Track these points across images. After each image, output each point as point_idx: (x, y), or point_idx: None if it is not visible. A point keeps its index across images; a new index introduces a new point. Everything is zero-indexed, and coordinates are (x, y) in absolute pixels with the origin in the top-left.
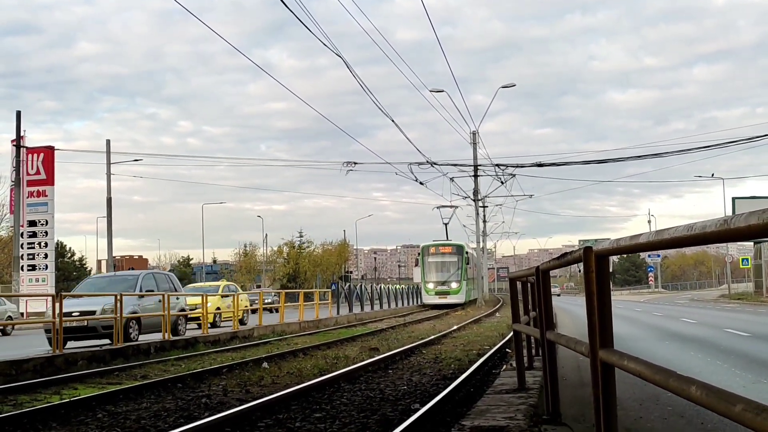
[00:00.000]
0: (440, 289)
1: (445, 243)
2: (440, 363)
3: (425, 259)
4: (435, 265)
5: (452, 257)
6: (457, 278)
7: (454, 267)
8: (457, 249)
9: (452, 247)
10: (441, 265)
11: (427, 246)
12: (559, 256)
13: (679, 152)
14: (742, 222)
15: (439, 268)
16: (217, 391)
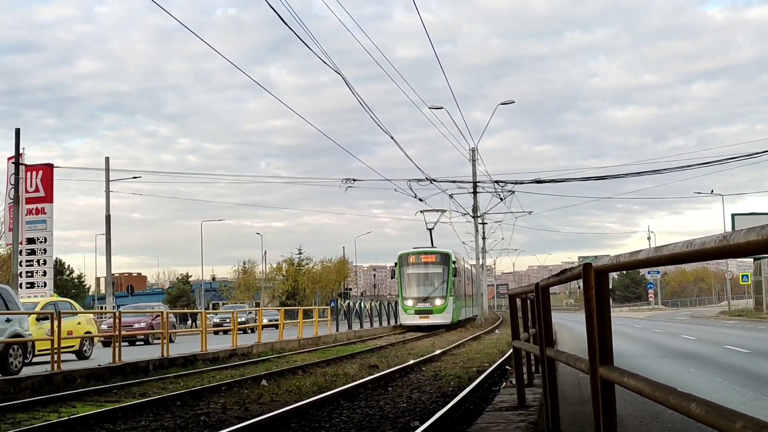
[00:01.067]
0: (421, 307)
1: (427, 250)
2: (440, 380)
3: (402, 270)
4: (414, 277)
5: (436, 267)
6: (441, 293)
7: (439, 279)
8: (441, 258)
9: (436, 255)
10: (422, 277)
11: (405, 254)
12: (558, 273)
13: (679, 169)
14: (742, 238)
15: (419, 281)
16: (216, 408)
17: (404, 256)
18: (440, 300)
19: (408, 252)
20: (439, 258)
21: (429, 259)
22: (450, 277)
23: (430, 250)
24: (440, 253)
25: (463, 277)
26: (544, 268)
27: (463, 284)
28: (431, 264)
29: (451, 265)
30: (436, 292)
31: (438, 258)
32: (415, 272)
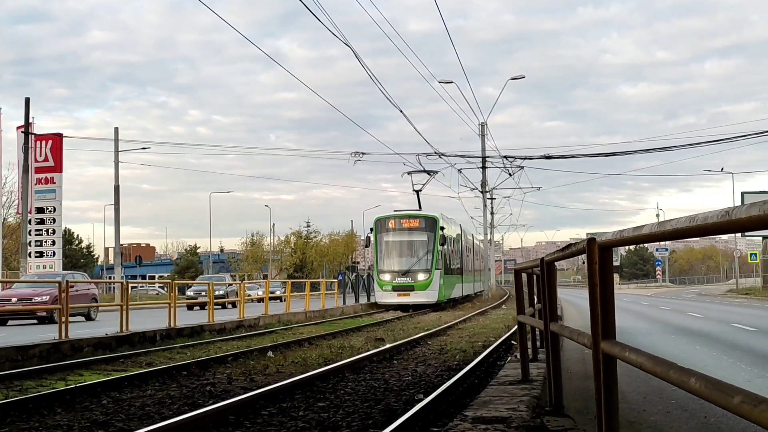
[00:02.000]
0: (400, 283)
1: (409, 213)
2: (445, 354)
3: (379, 237)
4: (393, 246)
5: (419, 234)
6: (425, 266)
7: (423, 249)
8: (426, 223)
9: (419, 220)
10: (402, 246)
11: (382, 218)
12: (563, 248)
13: (689, 146)
14: (743, 213)
15: (399, 251)
16: (222, 379)
17: (381, 221)
18: (424, 274)
19: (386, 216)
20: (424, 223)
21: (411, 224)
22: (436, 246)
23: (413, 214)
24: (425, 217)
25: (459, 247)
26: (552, 243)
27: (459, 255)
28: (414, 230)
29: (438, 231)
30: (419, 264)
31: (422, 223)
32: (393, 240)
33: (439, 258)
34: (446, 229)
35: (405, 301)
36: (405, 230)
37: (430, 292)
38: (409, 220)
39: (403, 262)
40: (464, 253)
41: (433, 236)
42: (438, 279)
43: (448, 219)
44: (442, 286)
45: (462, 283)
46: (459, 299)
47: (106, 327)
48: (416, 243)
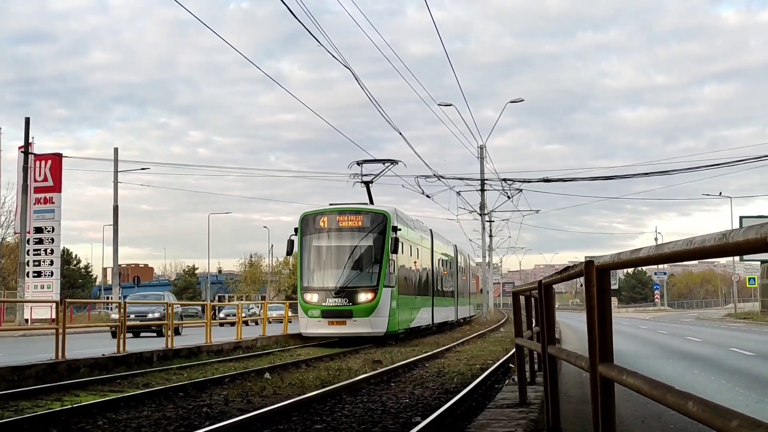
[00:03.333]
0: (332, 306)
1: (348, 208)
2: (443, 377)
3: (305, 241)
4: (323, 253)
5: (362, 237)
6: (369, 281)
7: (367, 257)
8: (372, 220)
9: (363, 217)
10: (336, 253)
11: (310, 215)
12: (561, 270)
13: (687, 170)
14: (741, 236)
15: (331, 261)
16: (219, 400)
17: (310, 218)
18: (366, 293)
19: (316, 211)
20: (369, 221)
21: (351, 222)
22: (386, 253)
23: (353, 208)
24: (370, 214)
25: (428, 260)
26: (550, 266)
27: (432, 272)
28: (355, 231)
29: (389, 233)
30: (359, 279)
31: (366, 221)
32: (324, 245)
33: (391, 271)
34: (403, 231)
35: (339, 332)
36: (342, 231)
37: (376, 319)
38: (348, 216)
39: (338, 277)
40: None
41: (381, 239)
42: (387, 300)
43: (409, 220)
44: (395, 310)
45: (443, 307)
46: (452, 323)
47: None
48: (357, 249)
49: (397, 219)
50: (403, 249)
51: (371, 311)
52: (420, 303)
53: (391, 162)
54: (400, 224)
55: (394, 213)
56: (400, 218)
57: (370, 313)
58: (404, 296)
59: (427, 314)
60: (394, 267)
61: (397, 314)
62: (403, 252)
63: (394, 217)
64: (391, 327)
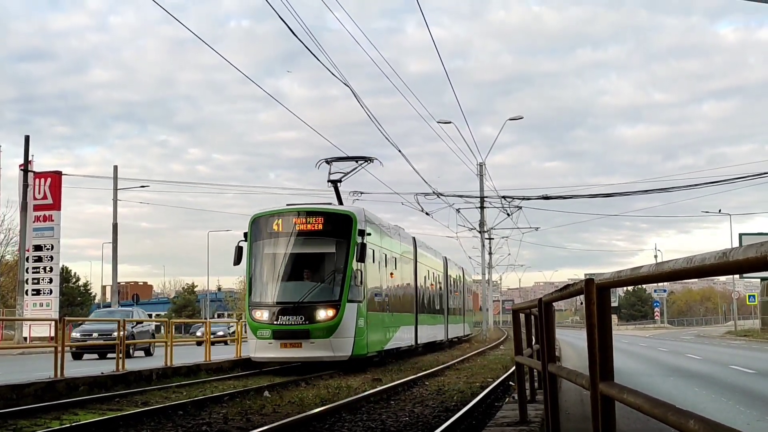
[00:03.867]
0: (285, 325)
1: (307, 208)
2: (443, 395)
3: (256, 247)
4: (276, 262)
5: (322, 242)
6: (330, 295)
7: (328, 266)
8: (335, 223)
9: (323, 219)
10: (291, 262)
11: (262, 216)
12: (561, 288)
13: (687, 187)
14: (741, 255)
15: (285, 271)
16: (218, 419)
17: (261, 221)
18: (326, 309)
19: (268, 213)
20: (330, 224)
21: (309, 224)
22: (351, 261)
23: (312, 209)
24: (332, 215)
25: (410, 272)
26: (550, 284)
27: (416, 286)
28: (313, 236)
29: (354, 238)
30: (319, 292)
31: (327, 224)
32: (278, 252)
33: (357, 283)
34: (374, 236)
35: (294, 356)
36: (298, 236)
37: (338, 340)
38: (307, 218)
39: (292, 290)
40: (450, 289)
41: (345, 246)
42: (353, 317)
43: (385, 225)
44: (363, 329)
45: (446, 324)
46: (442, 343)
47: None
48: (316, 257)
49: (367, 222)
50: (375, 257)
51: (332, 331)
52: (399, 321)
53: (365, 160)
54: (370, 228)
55: (362, 215)
56: (371, 221)
57: (330, 333)
58: (376, 313)
59: (410, 333)
60: (362, 278)
61: (366, 334)
62: (375, 261)
63: (362, 219)
64: (357, 349)
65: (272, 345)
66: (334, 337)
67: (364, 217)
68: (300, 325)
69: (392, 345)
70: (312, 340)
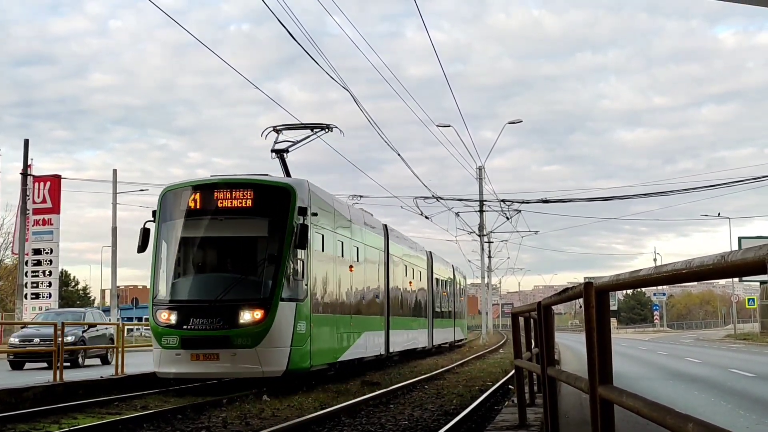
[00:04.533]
0: (196, 330)
1: (230, 179)
2: (442, 398)
3: (165, 229)
4: (188, 247)
5: (249, 224)
6: (257, 291)
7: (257, 253)
8: (267, 197)
9: (252, 193)
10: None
11: (176, 190)
12: (560, 292)
13: (686, 191)
14: (739, 257)
15: (198, 259)
16: (217, 422)
17: (172, 196)
18: (252, 310)
19: (182, 185)
20: (261, 200)
21: (233, 200)
22: (288, 248)
23: (238, 180)
24: (265, 188)
25: (379, 266)
26: (549, 287)
27: (387, 283)
28: (238, 215)
29: (294, 217)
30: (241, 287)
31: (258, 200)
32: (191, 236)
33: (297, 276)
34: (322, 217)
35: (208, 370)
36: (219, 215)
37: (269, 350)
38: (231, 193)
39: (208, 285)
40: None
41: (280, 228)
42: (289, 320)
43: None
44: (304, 336)
45: (430, 329)
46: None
47: None
48: (241, 242)
49: (313, 199)
50: (325, 245)
51: (259, 338)
52: (362, 325)
53: (322, 128)
54: (318, 207)
55: (305, 189)
56: (320, 199)
57: (257, 341)
58: (326, 315)
59: (378, 340)
60: (304, 271)
61: (310, 342)
62: (326, 249)
63: (305, 194)
64: (296, 362)
65: (181, 356)
66: (263, 346)
67: (308, 193)
68: (217, 331)
69: (352, 355)
70: (233, 350)
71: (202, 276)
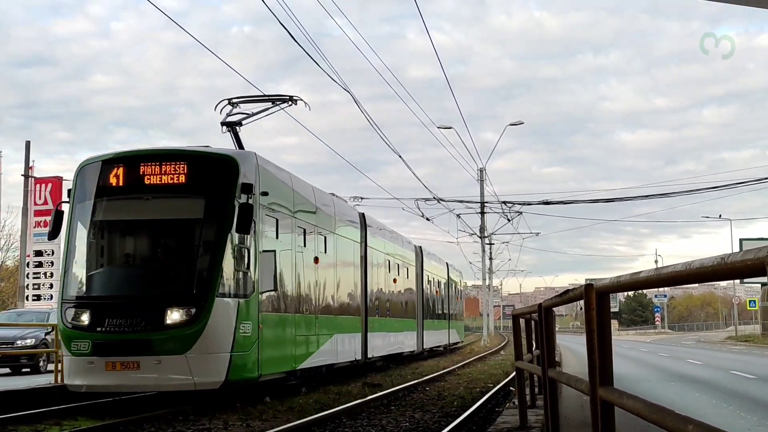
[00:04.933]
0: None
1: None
2: (443, 400)
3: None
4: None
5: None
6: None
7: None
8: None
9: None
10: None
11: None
12: (560, 294)
13: (687, 192)
14: (739, 259)
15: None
16: (218, 424)
17: (90, 171)
18: (180, 308)
19: (101, 159)
20: (196, 174)
21: (162, 175)
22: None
23: (169, 151)
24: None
25: (354, 259)
26: (551, 289)
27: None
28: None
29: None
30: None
31: (190, 174)
32: (108, 219)
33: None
34: (277, 196)
35: (126, 383)
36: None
37: (202, 357)
38: (160, 167)
39: (127, 277)
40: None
41: (219, 208)
42: (229, 320)
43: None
44: (249, 340)
45: (419, 331)
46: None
47: None
48: (170, 226)
49: (261, 175)
50: (279, 231)
51: (190, 341)
52: (331, 326)
53: (284, 100)
54: (270, 185)
55: (252, 162)
56: (272, 175)
57: (187, 346)
58: (281, 315)
59: (353, 344)
60: (251, 261)
61: (259, 346)
62: (281, 237)
63: (252, 169)
64: (239, 371)
65: (94, 365)
66: (194, 351)
67: (255, 167)
68: (137, 333)
69: (318, 361)
70: (157, 357)
71: (120, 267)
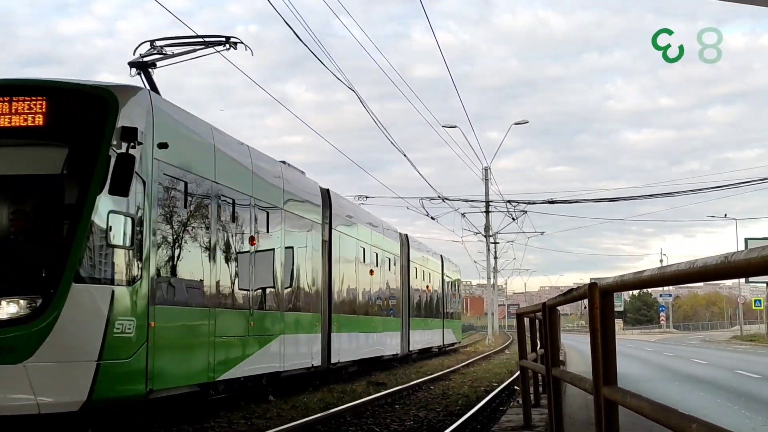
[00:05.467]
0: None
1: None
2: (447, 399)
3: None
4: None
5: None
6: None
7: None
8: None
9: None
10: None
11: None
12: (565, 292)
13: (692, 192)
14: (742, 258)
15: None
16: (222, 422)
17: None
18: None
19: None
20: (56, 114)
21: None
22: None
23: (20, 82)
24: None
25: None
26: (555, 288)
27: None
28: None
29: (108, 141)
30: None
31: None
32: None
33: (117, 241)
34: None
35: None
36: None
37: (49, 368)
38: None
39: None
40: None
41: (85, 159)
42: (98, 314)
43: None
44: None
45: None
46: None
47: None
48: (13, 185)
49: (156, 119)
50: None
51: (31, 346)
52: (273, 326)
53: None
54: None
55: (145, 101)
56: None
57: (28, 352)
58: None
59: (309, 347)
60: (136, 235)
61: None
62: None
63: (140, 110)
64: (113, 385)
65: None
66: (38, 359)
67: (146, 108)
68: None
69: (251, 370)
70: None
71: None
